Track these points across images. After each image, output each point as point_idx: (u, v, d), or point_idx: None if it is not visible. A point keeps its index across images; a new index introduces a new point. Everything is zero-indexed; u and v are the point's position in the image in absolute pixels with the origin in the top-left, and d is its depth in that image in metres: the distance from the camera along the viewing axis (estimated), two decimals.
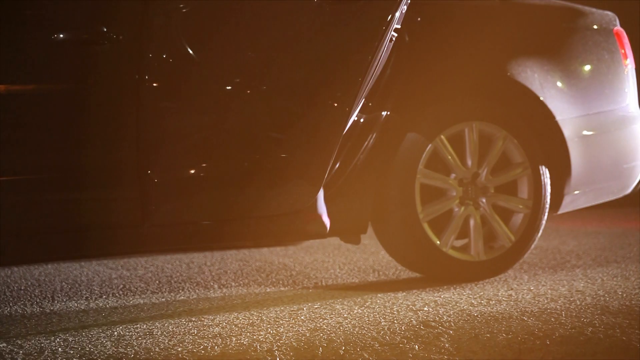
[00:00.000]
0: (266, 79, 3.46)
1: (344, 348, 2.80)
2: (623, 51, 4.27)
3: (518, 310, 3.31)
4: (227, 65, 3.45)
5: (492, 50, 4.01)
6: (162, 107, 3.37)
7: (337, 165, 3.71)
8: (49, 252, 3.42)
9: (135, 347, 2.91)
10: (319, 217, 3.55)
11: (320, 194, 3.57)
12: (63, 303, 3.72)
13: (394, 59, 3.75)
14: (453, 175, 3.91)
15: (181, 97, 3.41)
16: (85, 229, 3.36)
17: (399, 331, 3.01)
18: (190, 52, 3.38)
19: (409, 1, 3.53)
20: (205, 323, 3.25)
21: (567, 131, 4.02)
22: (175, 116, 3.40)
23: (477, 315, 3.22)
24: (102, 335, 3.10)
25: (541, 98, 3.99)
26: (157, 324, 3.27)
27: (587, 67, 4.16)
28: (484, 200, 3.93)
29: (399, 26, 3.58)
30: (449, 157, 3.88)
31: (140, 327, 3.21)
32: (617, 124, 4.23)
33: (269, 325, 3.16)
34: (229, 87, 3.45)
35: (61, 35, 3.27)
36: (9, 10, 3.22)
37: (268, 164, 3.48)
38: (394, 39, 3.59)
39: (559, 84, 4.05)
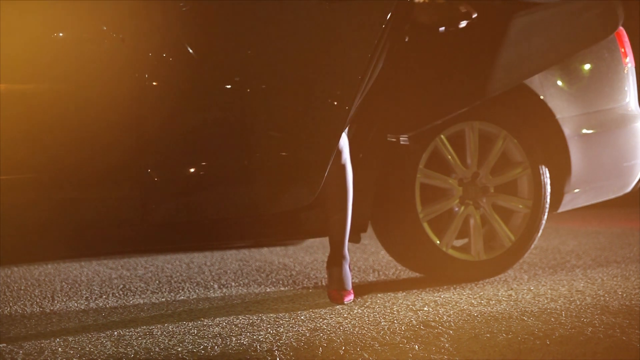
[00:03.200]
0: (266, 77, 3.46)
1: (344, 348, 2.80)
2: (623, 50, 4.26)
3: (518, 310, 3.31)
4: (226, 64, 3.45)
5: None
6: (161, 105, 3.37)
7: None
8: (50, 251, 3.42)
9: (135, 347, 2.91)
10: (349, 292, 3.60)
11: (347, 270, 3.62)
12: (63, 303, 3.72)
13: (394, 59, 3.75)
14: (453, 175, 3.91)
15: (181, 96, 3.41)
16: (85, 228, 3.36)
17: (399, 331, 3.01)
18: (190, 51, 3.38)
19: None
20: (205, 323, 3.25)
21: (567, 130, 4.02)
22: (175, 115, 3.40)
23: (477, 315, 3.22)
24: (102, 335, 3.10)
25: (541, 97, 3.99)
26: (157, 324, 3.27)
27: (587, 66, 4.16)
28: (484, 200, 3.93)
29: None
30: (449, 157, 3.88)
31: (140, 327, 3.21)
32: (617, 123, 4.23)
33: (269, 325, 3.16)
34: (229, 86, 3.45)
35: (61, 34, 3.27)
36: (8, 11, 3.22)
37: (268, 163, 3.48)
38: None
39: (559, 82, 4.05)
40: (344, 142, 3.53)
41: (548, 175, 4.01)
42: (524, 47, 3.74)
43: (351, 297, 3.55)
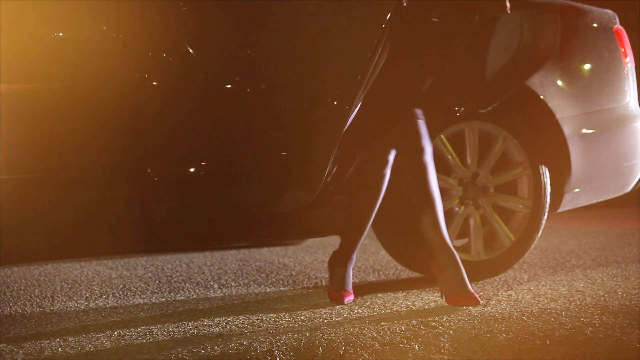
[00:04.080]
0: (266, 77, 3.46)
1: (344, 348, 2.80)
2: (623, 49, 4.26)
3: (518, 310, 3.31)
4: (226, 63, 3.45)
5: None
6: (161, 105, 3.37)
7: (338, 164, 3.71)
8: (50, 251, 3.41)
9: (135, 347, 2.91)
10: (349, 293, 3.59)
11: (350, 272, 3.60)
12: (63, 303, 3.72)
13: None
14: (453, 175, 3.91)
15: (181, 96, 3.41)
16: (85, 228, 3.36)
17: (399, 331, 3.01)
18: (190, 50, 3.38)
19: None
20: (205, 323, 3.25)
21: (567, 129, 4.02)
22: (174, 115, 3.40)
23: (477, 315, 3.22)
24: (102, 335, 3.10)
25: (541, 97, 3.98)
26: (157, 324, 3.26)
27: (587, 66, 4.16)
28: (484, 200, 3.93)
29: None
30: (449, 157, 3.88)
31: (140, 327, 3.21)
32: (617, 122, 4.23)
33: (269, 325, 3.16)
34: (229, 86, 3.45)
35: (61, 34, 3.27)
36: (8, 11, 3.22)
37: (268, 163, 3.48)
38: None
39: (559, 82, 4.05)
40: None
41: (548, 175, 4.01)
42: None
43: (351, 297, 3.55)
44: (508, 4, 3.49)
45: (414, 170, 3.46)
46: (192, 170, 3.41)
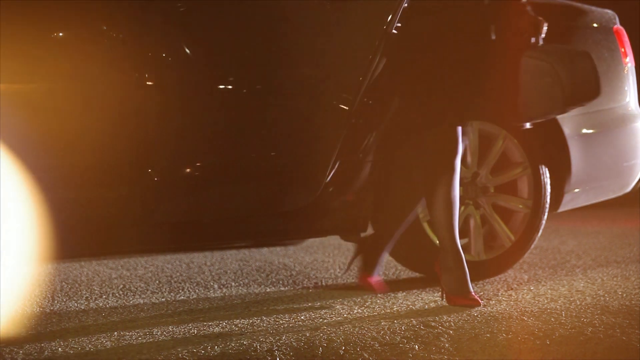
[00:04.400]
0: (266, 78, 3.46)
1: (344, 348, 2.80)
2: (623, 49, 4.26)
3: (518, 310, 3.31)
4: (226, 64, 3.45)
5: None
6: (161, 106, 3.37)
7: (338, 164, 3.71)
8: (50, 250, 3.41)
9: (135, 347, 2.91)
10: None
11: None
12: (63, 303, 3.72)
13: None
14: None
15: (181, 96, 3.41)
16: (85, 228, 3.36)
17: (399, 331, 3.01)
18: (188, 51, 3.38)
19: None
20: (205, 323, 3.25)
21: (567, 129, 4.02)
22: (174, 115, 3.40)
23: (477, 315, 3.22)
24: (102, 335, 3.10)
25: None
26: (157, 324, 3.26)
27: None
28: (483, 200, 3.93)
29: (399, 24, 3.58)
30: None
31: (140, 327, 3.21)
32: (617, 122, 4.23)
33: (269, 325, 3.16)
34: (229, 86, 3.45)
35: (61, 34, 3.27)
36: (8, 11, 3.22)
37: (268, 163, 3.48)
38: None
39: None
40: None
41: (548, 175, 4.01)
42: None
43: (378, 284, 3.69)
44: (545, 27, 3.44)
45: (443, 171, 3.44)
46: (192, 170, 3.41)
